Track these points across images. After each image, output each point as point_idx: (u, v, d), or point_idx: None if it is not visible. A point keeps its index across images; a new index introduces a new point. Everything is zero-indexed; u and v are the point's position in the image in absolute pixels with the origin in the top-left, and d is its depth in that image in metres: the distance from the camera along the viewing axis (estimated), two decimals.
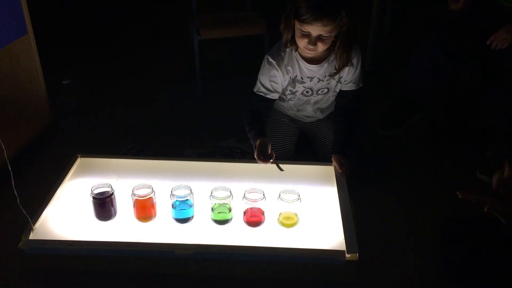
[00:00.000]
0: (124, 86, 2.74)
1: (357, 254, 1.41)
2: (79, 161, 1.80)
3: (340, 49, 1.68)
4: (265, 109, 1.81)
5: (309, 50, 1.65)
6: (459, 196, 1.29)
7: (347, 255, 1.40)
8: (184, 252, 1.44)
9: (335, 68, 1.75)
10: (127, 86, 2.75)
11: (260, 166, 1.76)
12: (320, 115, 1.97)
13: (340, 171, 1.73)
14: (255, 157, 1.69)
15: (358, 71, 1.79)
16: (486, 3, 2.03)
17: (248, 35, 2.55)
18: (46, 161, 2.04)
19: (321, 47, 1.64)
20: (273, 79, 1.77)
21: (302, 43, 1.64)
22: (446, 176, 1.99)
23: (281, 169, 1.66)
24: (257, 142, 1.71)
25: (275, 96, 1.81)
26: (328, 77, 1.78)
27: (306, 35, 1.61)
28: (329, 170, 1.76)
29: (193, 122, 2.38)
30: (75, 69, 2.81)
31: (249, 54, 1.80)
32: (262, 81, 1.78)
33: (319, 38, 1.60)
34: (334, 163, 1.75)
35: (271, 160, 1.68)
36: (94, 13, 3.73)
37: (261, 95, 1.79)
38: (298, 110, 1.95)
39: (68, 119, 2.33)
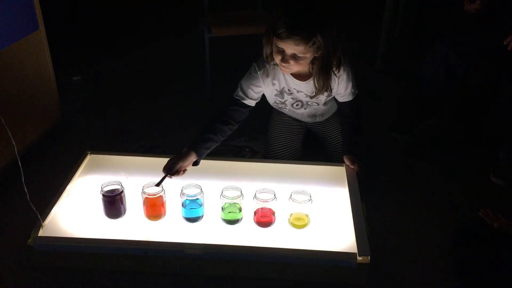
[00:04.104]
0: (134, 83, 2.74)
1: (369, 257, 1.39)
2: (89, 158, 1.79)
3: (316, 74, 1.65)
4: (236, 114, 1.75)
5: (283, 67, 1.63)
6: (480, 214, 1.43)
7: (359, 258, 1.39)
8: (194, 252, 1.43)
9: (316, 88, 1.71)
10: (137, 83, 2.74)
11: (271, 166, 1.75)
12: (321, 119, 1.95)
13: (352, 167, 1.72)
14: (168, 162, 1.61)
15: (350, 84, 1.75)
16: (501, 4, 2.00)
17: (259, 33, 2.54)
18: (56, 157, 2.04)
19: (295, 67, 1.61)
20: (252, 87, 1.74)
21: (277, 59, 1.61)
22: (459, 179, 1.96)
23: (157, 185, 1.55)
24: (184, 150, 1.64)
25: (251, 103, 1.76)
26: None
27: (281, 51, 1.58)
28: (340, 171, 1.75)
29: (203, 120, 2.36)
30: (85, 66, 2.81)
31: (258, 52, 1.80)
32: (242, 86, 1.76)
33: (293, 57, 1.58)
34: (346, 163, 1.74)
35: (171, 176, 1.60)
36: (103, 10, 3.73)
37: (238, 99, 1.75)
38: (295, 119, 1.94)
39: (78, 116, 2.33)
